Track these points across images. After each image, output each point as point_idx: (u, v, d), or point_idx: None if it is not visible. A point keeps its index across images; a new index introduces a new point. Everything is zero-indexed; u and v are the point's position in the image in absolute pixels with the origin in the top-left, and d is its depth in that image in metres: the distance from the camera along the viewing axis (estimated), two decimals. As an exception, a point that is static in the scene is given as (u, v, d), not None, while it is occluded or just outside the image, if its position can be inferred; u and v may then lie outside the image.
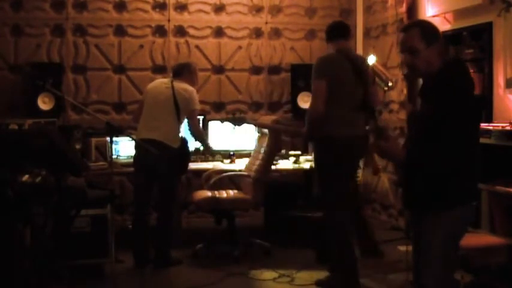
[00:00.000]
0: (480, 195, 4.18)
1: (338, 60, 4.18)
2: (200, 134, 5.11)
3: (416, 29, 2.68)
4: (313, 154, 4.47)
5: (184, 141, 4.94)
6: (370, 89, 4.29)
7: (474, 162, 2.68)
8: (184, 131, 5.07)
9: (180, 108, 4.83)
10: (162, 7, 6.36)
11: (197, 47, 6.45)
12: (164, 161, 4.63)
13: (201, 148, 5.61)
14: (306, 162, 5.72)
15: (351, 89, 4.15)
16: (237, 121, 4.53)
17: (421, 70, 2.72)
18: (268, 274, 4.69)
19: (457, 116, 2.54)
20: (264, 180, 5.10)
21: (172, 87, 4.89)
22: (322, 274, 4.48)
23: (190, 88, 4.96)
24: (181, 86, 4.92)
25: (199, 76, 6.38)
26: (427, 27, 2.72)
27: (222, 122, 4.62)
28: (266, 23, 6.61)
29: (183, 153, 4.92)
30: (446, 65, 2.67)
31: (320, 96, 4.07)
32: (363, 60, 4.57)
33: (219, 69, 6.53)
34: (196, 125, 5.03)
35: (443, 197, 2.63)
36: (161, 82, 5.08)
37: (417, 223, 2.80)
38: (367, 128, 3.48)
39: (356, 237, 4.88)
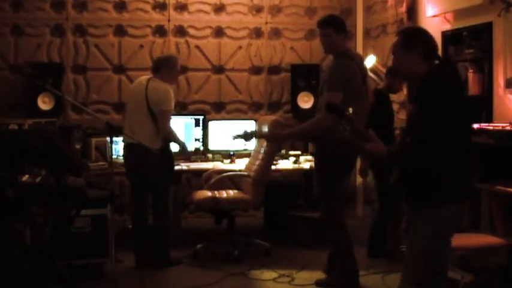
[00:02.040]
0: (478, 195, 4.19)
1: (352, 67, 4.14)
2: (171, 136, 4.83)
3: (401, 35, 2.87)
4: (315, 156, 4.46)
5: (165, 142, 4.86)
6: (366, 89, 4.29)
7: (462, 162, 2.72)
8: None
9: (151, 109, 4.72)
10: (162, 7, 6.36)
11: (197, 47, 6.45)
12: (148, 162, 4.65)
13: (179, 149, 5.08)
14: (306, 162, 5.73)
15: (359, 93, 4.15)
16: (248, 137, 4.52)
17: (401, 72, 2.94)
18: (268, 274, 4.69)
19: (439, 116, 2.59)
20: (264, 180, 5.10)
21: (147, 87, 4.78)
22: (322, 274, 4.48)
23: (163, 87, 4.75)
24: (155, 85, 4.77)
25: (199, 76, 6.45)
26: (410, 33, 2.88)
27: (233, 139, 4.57)
28: (266, 23, 6.61)
29: (165, 154, 4.84)
30: (433, 68, 2.75)
31: None
32: (363, 59, 4.58)
33: (219, 69, 6.53)
34: (165, 126, 4.73)
35: (427, 194, 2.69)
36: (139, 82, 4.93)
37: (410, 219, 2.86)
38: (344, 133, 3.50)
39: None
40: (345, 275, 4.26)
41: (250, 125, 5.96)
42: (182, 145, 5.00)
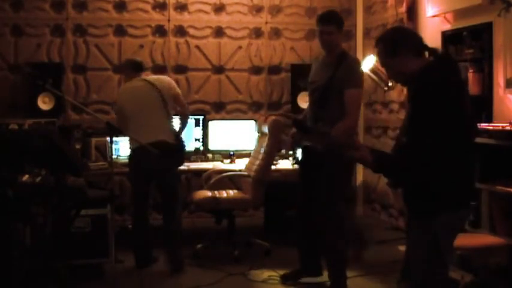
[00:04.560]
0: (479, 195, 4.19)
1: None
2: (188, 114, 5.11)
3: (381, 45, 2.69)
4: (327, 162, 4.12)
5: (177, 135, 4.83)
6: None
7: (463, 166, 2.58)
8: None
9: (165, 99, 4.72)
10: (162, 7, 6.36)
11: (197, 47, 6.46)
12: (166, 159, 4.61)
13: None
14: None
15: None
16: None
17: (400, 81, 2.78)
18: (268, 274, 4.69)
19: (434, 116, 2.44)
20: (264, 180, 5.10)
21: (149, 82, 4.81)
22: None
23: (162, 76, 5.13)
24: (155, 77, 5.02)
25: (199, 76, 6.47)
26: (389, 37, 2.70)
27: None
28: (266, 23, 6.61)
29: (181, 147, 4.84)
30: (426, 65, 2.61)
31: (359, 107, 4.10)
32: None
33: (219, 69, 6.53)
34: (186, 106, 5.04)
35: (426, 202, 2.55)
36: (135, 86, 4.82)
37: (409, 224, 2.81)
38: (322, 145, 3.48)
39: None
40: (344, 275, 4.27)
41: (250, 125, 5.97)
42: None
